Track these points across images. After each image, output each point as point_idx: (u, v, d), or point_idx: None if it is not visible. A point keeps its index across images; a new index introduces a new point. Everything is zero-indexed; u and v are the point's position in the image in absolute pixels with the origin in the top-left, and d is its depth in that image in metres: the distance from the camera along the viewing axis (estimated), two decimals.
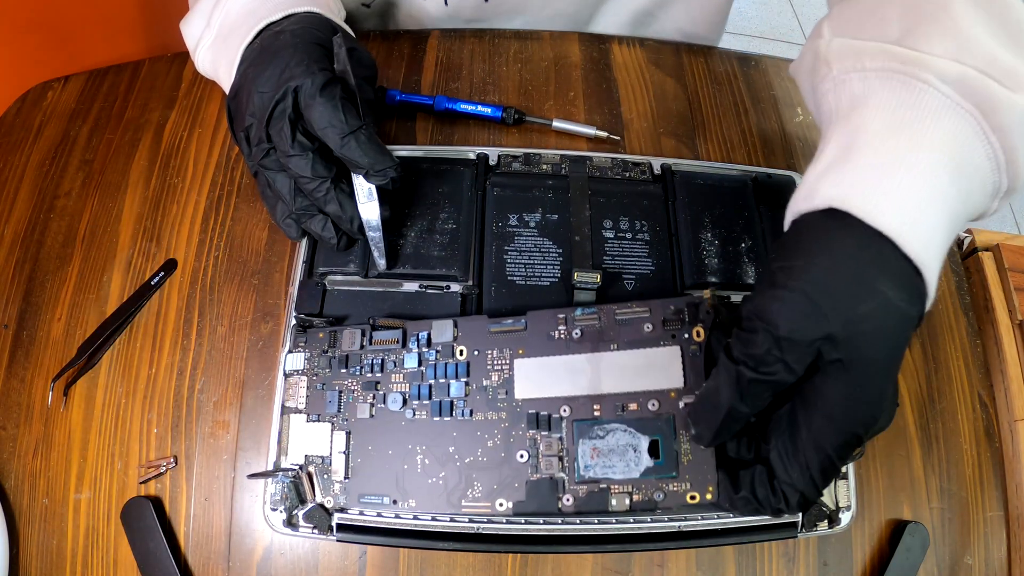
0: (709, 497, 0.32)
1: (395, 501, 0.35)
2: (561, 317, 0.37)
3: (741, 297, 0.42)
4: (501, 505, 0.34)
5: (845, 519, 0.38)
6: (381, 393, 0.37)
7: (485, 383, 0.37)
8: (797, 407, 0.29)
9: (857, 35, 0.32)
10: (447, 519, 0.36)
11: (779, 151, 0.51)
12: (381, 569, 0.39)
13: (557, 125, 0.50)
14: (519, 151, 0.46)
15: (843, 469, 0.38)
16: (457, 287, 0.42)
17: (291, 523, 0.37)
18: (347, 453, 0.37)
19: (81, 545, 0.39)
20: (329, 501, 0.36)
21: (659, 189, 0.45)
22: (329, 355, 0.39)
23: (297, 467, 0.37)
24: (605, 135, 0.50)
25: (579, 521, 0.37)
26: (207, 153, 0.50)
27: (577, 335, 0.36)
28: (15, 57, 0.53)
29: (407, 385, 0.37)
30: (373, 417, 0.37)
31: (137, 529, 0.39)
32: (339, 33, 0.40)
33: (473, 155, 0.46)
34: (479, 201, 0.44)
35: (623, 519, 0.37)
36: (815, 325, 0.27)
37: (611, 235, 0.43)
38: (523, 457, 0.35)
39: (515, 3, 0.57)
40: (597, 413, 0.35)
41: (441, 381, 0.37)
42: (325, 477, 0.37)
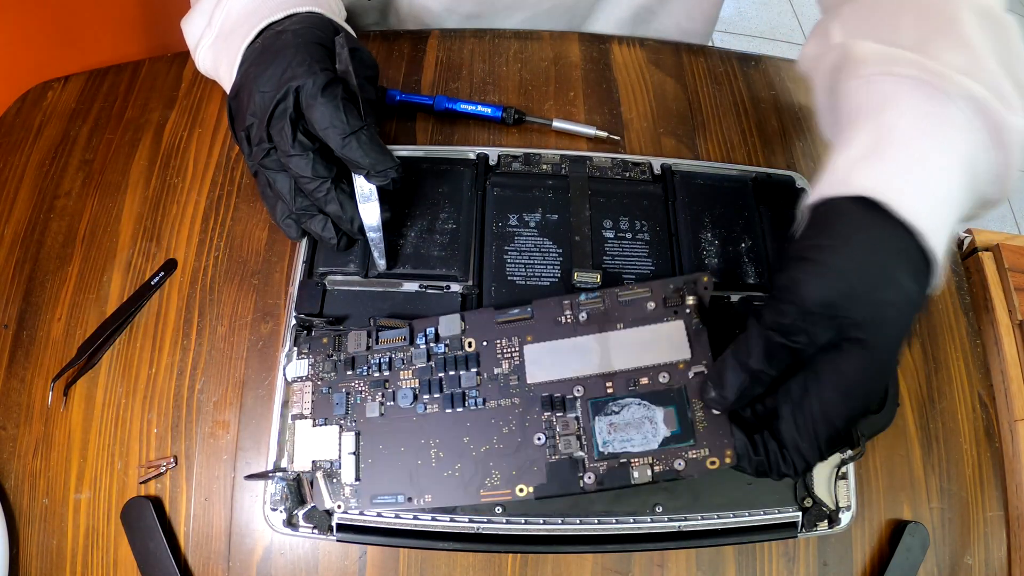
0: (728, 461, 0.33)
1: (410, 499, 0.35)
2: (566, 303, 0.37)
3: (738, 298, 0.42)
4: (522, 490, 0.34)
5: (845, 519, 0.38)
6: (390, 391, 0.37)
7: (496, 371, 0.37)
8: (809, 380, 0.30)
9: (875, 39, 0.34)
10: (447, 519, 0.36)
11: (779, 151, 0.51)
12: (381, 569, 0.39)
13: (557, 125, 0.50)
14: (519, 151, 0.46)
15: (843, 469, 0.38)
16: (457, 287, 0.42)
17: (291, 523, 0.37)
18: (357, 454, 0.36)
19: (81, 545, 0.39)
20: (339, 506, 0.36)
21: (659, 189, 0.45)
22: (334, 359, 0.38)
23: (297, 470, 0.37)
24: (605, 135, 0.50)
25: (579, 521, 0.37)
26: (207, 153, 0.50)
27: (583, 318, 0.37)
28: (15, 57, 0.53)
29: (416, 381, 0.37)
30: (383, 416, 0.37)
31: (137, 529, 0.39)
32: (341, 33, 0.40)
33: (473, 155, 0.46)
34: (479, 201, 0.44)
35: (623, 519, 0.37)
36: (844, 304, 0.28)
37: (611, 235, 0.43)
38: (540, 440, 0.35)
39: None
40: (610, 390, 0.35)
41: (451, 373, 0.37)
42: (334, 482, 0.36)
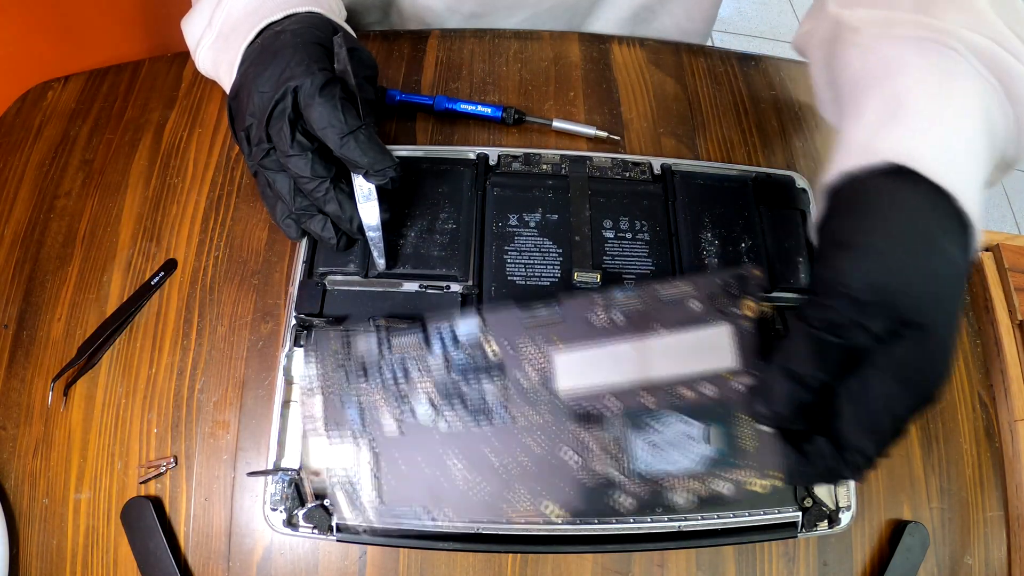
0: (779, 484, 0.30)
1: (433, 517, 0.33)
2: (600, 301, 0.34)
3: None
4: (551, 510, 0.32)
5: (845, 519, 0.38)
6: (408, 406, 0.35)
7: (522, 381, 0.34)
8: (867, 374, 0.27)
9: (871, 6, 0.33)
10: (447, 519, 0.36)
11: (779, 151, 0.51)
12: (381, 569, 0.39)
13: (557, 125, 0.50)
14: (519, 151, 0.46)
15: None
16: (457, 287, 0.42)
17: (291, 523, 0.37)
18: (376, 474, 0.34)
19: (81, 545, 0.39)
20: (359, 518, 0.34)
21: (659, 189, 0.45)
22: (344, 367, 0.36)
23: (296, 470, 0.37)
24: (605, 135, 0.50)
25: (579, 521, 0.36)
26: (207, 153, 0.50)
27: (620, 319, 0.34)
28: (15, 57, 0.53)
29: (435, 393, 0.35)
30: (403, 434, 0.34)
31: (137, 529, 0.39)
32: (340, 33, 0.40)
33: (473, 155, 0.46)
34: (479, 201, 0.44)
35: (623, 519, 0.36)
36: (896, 285, 0.26)
37: (611, 235, 0.43)
38: (571, 457, 0.32)
39: None
40: (649, 404, 0.32)
41: (473, 385, 0.34)
42: (353, 497, 0.34)
